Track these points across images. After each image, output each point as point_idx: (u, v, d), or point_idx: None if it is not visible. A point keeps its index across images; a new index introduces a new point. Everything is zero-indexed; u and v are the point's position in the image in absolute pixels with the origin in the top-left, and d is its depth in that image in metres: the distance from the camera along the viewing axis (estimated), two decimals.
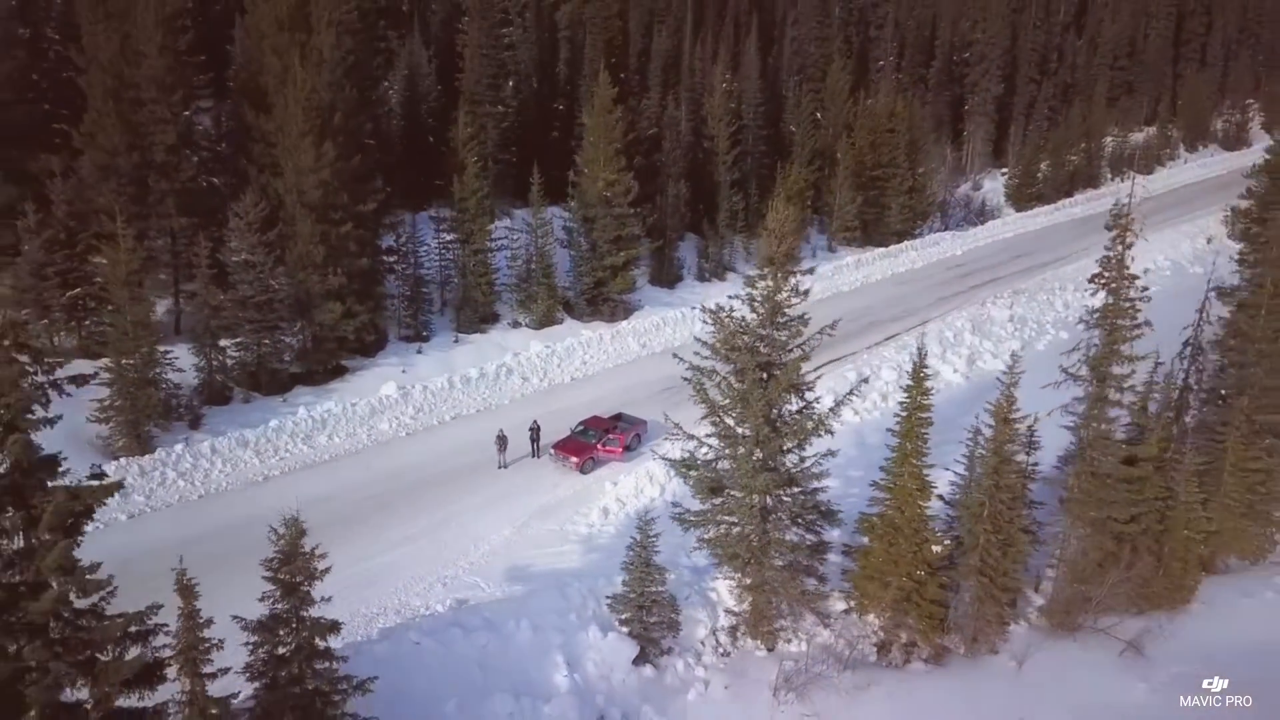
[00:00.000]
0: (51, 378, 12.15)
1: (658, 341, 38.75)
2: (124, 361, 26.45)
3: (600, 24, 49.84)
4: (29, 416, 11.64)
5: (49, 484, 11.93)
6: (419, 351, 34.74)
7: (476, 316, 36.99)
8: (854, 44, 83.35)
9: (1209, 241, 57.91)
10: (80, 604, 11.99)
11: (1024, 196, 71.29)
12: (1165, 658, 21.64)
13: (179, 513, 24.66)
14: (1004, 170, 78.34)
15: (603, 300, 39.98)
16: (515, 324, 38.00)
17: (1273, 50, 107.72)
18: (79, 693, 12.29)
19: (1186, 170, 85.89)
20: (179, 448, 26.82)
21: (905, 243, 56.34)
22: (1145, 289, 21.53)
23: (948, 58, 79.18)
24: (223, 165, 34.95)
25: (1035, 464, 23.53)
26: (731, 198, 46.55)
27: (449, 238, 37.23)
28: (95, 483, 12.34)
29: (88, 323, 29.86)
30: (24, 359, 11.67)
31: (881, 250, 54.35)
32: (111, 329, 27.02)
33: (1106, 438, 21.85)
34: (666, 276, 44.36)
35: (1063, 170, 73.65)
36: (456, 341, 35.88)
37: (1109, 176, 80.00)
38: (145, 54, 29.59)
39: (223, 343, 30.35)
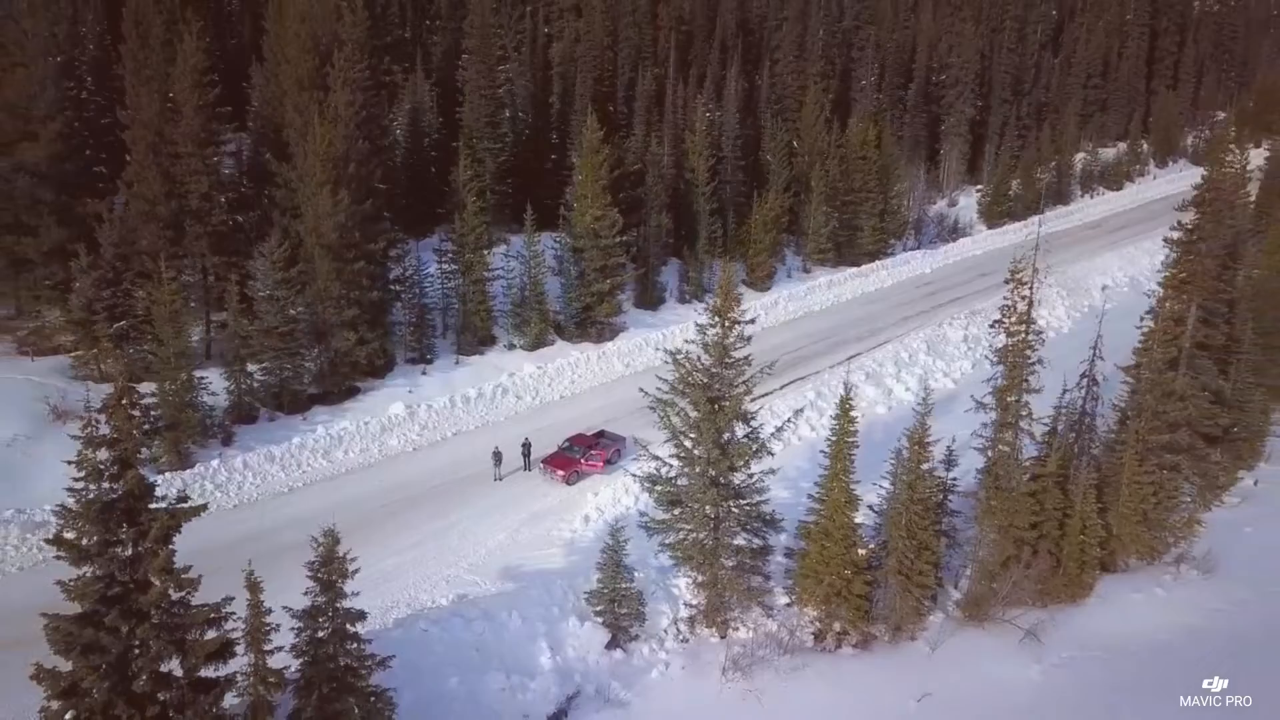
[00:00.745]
0: (148, 426, 15.99)
1: (640, 361, 42.57)
2: (167, 386, 30.37)
3: (590, 61, 53.66)
4: (139, 456, 15.50)
5: (150, 506, 15.78)
6: (424, 373, 38.63)
7: (475, 340, 40.89)
8: (837, 65, 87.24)
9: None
10: (174, 596, 15.84)
11: (995, 214, 75.16)
12: (1058, 644, 25.48)
13: (218, 520, 28.39)
14: (979, 187, 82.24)
15: (591, 323, 43.84)
16: (510, 346, 41.90)
17: (1244, 66, 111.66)
18: (172, 665, 16.15)
19: (1156, 185, 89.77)
20: (214, 462, 30.70)
21: (877, 262, 60.25)
22: (1040, 332, 25.42)
23: (925, 80, 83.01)
24: (246, 203, 38.79)
25: (955, 479, 27.52)
26: (710, 225, 50.39)
27: (450, 268, 41.11)
28: (183, 505, 16.20)
29: (131, 351, 33.70)
30: (136, 414, 15.54)
31: (854, 270, 58.26)
32: (155, 358, 30.93)
33: (1009, 458, 25.74)
34: (650, 299, 48.22)
35: (1033, 188, 77.48)
36: (457, 364, 39.76)
37: (1079, 193, 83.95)
38: (182, 113, 33.45)
39: (250, 367, 34.22)
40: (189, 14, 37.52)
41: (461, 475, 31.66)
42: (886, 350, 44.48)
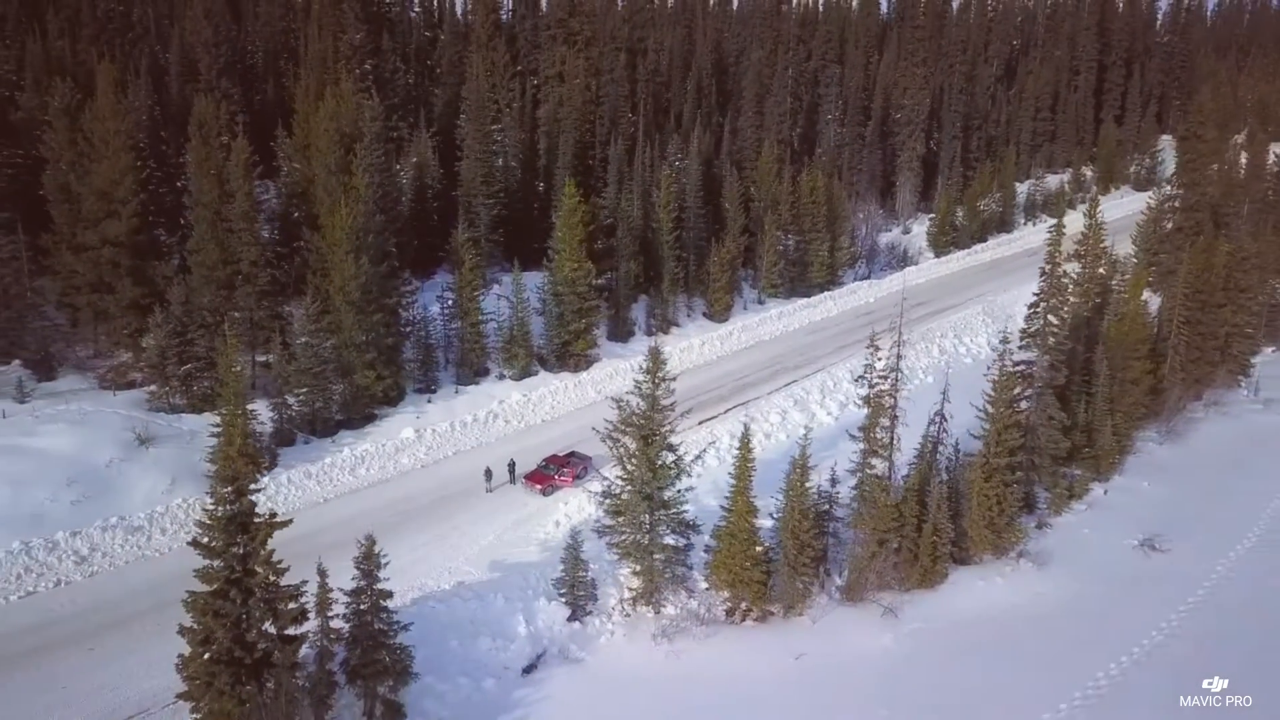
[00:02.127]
0: (260, 463, 24.21)
1: (610, 388, 50.62)
2: (231, 418, 38.56)
3: (572, 123, 61.78)
4: (252, 486, 23.70)
5: (255, 520, 23.97)
6: (429, 401, 46.87)
7: (472, 372, 49.10)
8: (804, 101, 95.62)
9: None
10: (270, 579, 24.04)
11: (942, 243, 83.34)
12: (911, 618, 33.73)
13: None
14: (932, 215, 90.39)
15: (569, 355, 52.03)
16: (501, 376, 50.14)
17: (1189, 96, 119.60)
18: (268, 625, 24.36)
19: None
20: (264, 479, 38.86)
21: (826, 293, 68.49)
22: (898, 383, 33.66)
23: (881, 118, 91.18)
24: (282, 259, 46.93)
25: (837, 492, 35.71)
26: (674, 268, 58.58)
27: (450, 311, 49.27)
28: (275, 519, 24.42)
29: (194, 388, 41.94)
30: (249, 453, 23.75)
31: (804, 301, 66.49)
32: (220, 396, 39.15)
33: (873, 478, 33.99)
34: (621, 332, 56.43)
35: (977, 218, 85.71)
36: (457, 393, 47.98)
37: (1022, 221, 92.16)
38: (235, 197, 41.64)
39: (289, 399, 42.47)
40: (236, 117, 45.73)
41: (460, 488, 39.92)
42: (816, 379, 52.65)
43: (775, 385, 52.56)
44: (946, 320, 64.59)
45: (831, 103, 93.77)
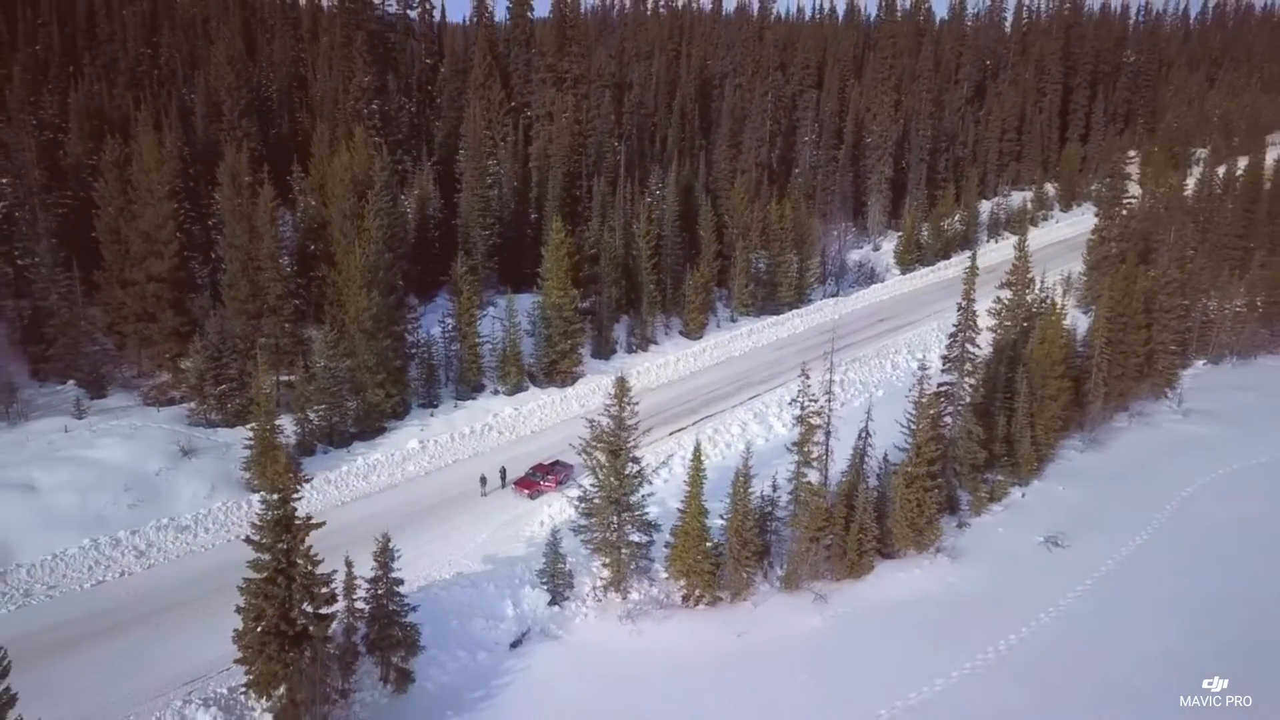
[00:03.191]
0: (301, 478, 30.49)
1: (593, 403, 56.76)
2: (259, 429, 44.88)
3: (561, 158, 68.01)
4: (293, 496, 29.97)
5: (295, 522, 30.23)
6: (431, 415, 53.15)
7: (469, 388, 55.39)
8: (782, 123, 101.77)
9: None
10: (308, 569, 30.30)
11: (907, 260, 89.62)
12: (839, 604, 39.99)
13: None
14: (900, 233, 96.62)
15: (556, 372, 58.32)
16: (495, 392, 56.44)
17: (1151, 115, 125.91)
18: (307, 606, 30.65)
19: (1057, 229, 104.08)
20: (304, 489, 45.14)
21: (794, 311, 74.74)
22: (825, 412, 39.90)
23: (853, 142, 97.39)
24: (301, 290, 53.25)
25: (779, 496, 41.99)
26: (652, 290, 64.86)
27: (450, 334, 55.56)
28: (311, 521, 30.69)
29: (228, 406, 48.21)
30: (296, 485, 30.01)
31: (773, 319, 72.75)
32: (251, 414, 45.45)
33: (806, 485, 40.28)
34: (604, 350, 62.72)
35: (941, 236, 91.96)
36: (456, 407, 54.30)
37: (984, 239, 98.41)
38: (263, 238, 47.91)
39: (309, 414, 48.75)
40: (262, 166, 52.06)
41: (458, 493, 46.23)
42: (776, 393, 58.87)
43: (740, 399, 58.84)
44: (902, 337, 70.80)
45: (808, 126, 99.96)
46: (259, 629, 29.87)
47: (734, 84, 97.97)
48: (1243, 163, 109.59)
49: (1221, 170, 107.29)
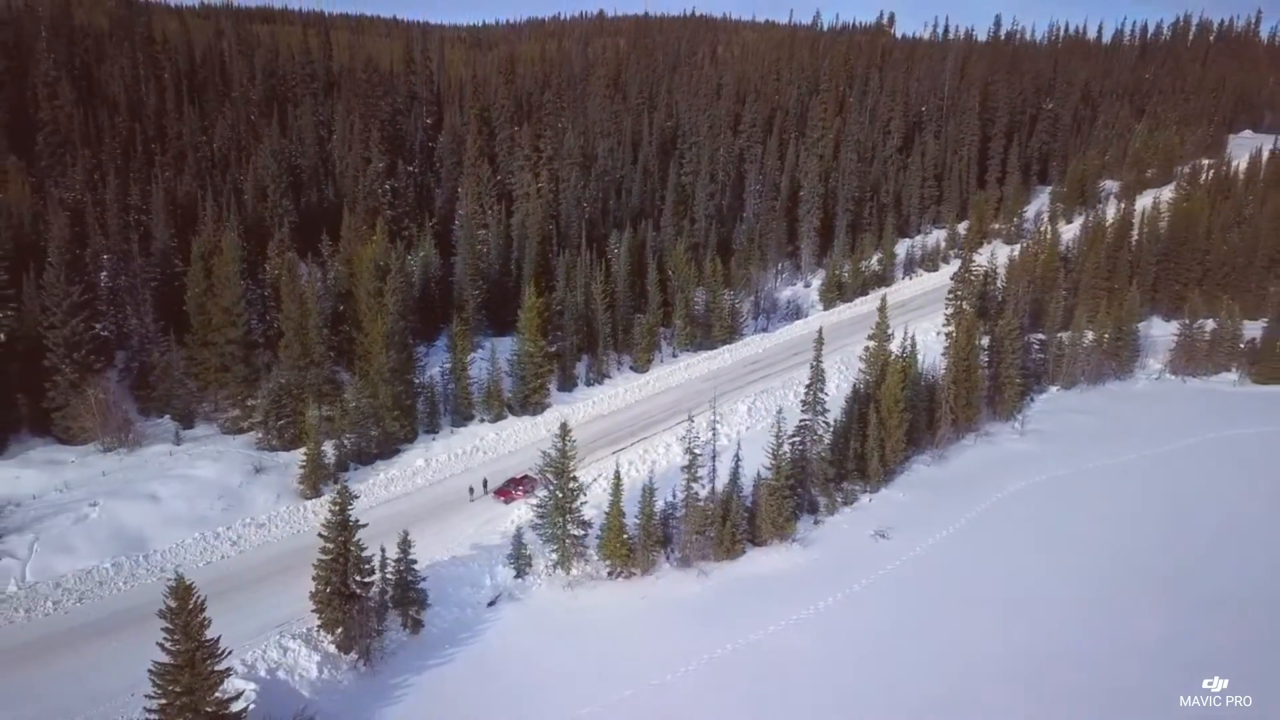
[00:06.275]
0: (351, 496, 48.27)
1: (557, 428, 74.43)
2: (312, 455, 62.60)
3: (536, 230, 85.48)
4: (353, 520, 47.65)
5: (349, 522, 47.85)
6: (433, 439, 70.80)
7: (462, 417, 73.02)
8: (732, 174, 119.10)
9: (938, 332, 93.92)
10: (356, 553, 47.92)
11: (830, 298, 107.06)
12: (716, 577, 57.69)
13: None
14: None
15: (529, 403, 75.96)
16: (482, 420, 74.08)
17: (1064, 158, 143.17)
18: (356, 576, 48.30)
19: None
20: (328, 495, 62.77)
21: (725, 346, 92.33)
22: (712, 443, 57.66)
23: (789, 194, 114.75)
24: (334, 348, 70.71)
25: (677, 503, 59.69)
26: (607, 334, 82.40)
27: (448, 376, 73.12)
28: (358, 522, 48.36)
29: (286, 435, 65.80)
30: (349, 510, 47.71)
31: (707, 354, 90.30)
32: (303, 440, 63.02)
33: (695, 496, 58.01)
34: (568, 384, 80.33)
35: (859, 276, 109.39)
36: (452, 433, 71.93)
37: (900, 276, 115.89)
38: (310, 315, 65.41)
39: (344, 440, 66.32)
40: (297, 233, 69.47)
41: (453, 499, 63.94)
42: (700, 419, 76.41)
43: (670, 424, 76.40)
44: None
45: (753, 178, 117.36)
46: (327, 591, 47.70)
47: (690, 142, 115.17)
48: (1150, 197, 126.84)
49: (1113, 209, 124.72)
